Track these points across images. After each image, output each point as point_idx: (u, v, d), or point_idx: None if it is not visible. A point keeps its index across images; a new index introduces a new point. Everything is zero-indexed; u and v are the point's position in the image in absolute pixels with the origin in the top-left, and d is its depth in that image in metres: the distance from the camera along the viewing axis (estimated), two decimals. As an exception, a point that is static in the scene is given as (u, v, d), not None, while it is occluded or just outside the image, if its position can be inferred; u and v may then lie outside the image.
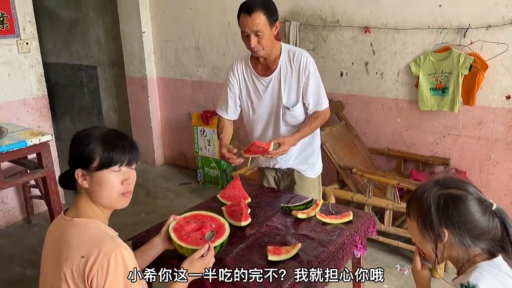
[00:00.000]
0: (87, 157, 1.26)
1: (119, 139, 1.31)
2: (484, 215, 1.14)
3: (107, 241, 1.20)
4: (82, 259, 1.17)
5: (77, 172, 1.27)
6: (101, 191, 1.28)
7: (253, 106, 2.19)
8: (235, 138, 4.08)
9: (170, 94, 4.43)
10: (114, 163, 1.27)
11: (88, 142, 1.27)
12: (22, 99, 3.41)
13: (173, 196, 3.88)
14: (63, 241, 1.24)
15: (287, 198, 2.11)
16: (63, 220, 1.30)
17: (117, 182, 1.30)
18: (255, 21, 1.92)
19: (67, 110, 5.58)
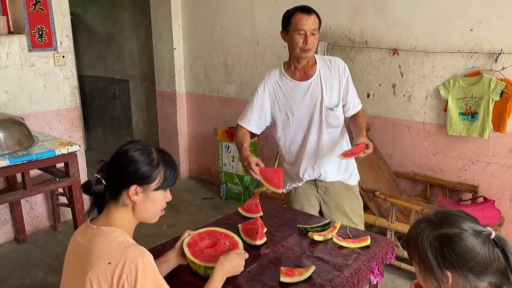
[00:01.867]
0: (151, 177, 1.32)
1: (174, 161, 1.40)
2: (483, 247, 1.08)
3: (133, 248, 1.25)
4: (109, 266, 1.20)
5: (132, 188, 1.30)
6: (151, 208, 1.36)
7: (292, 113, 2.19)
8: (259, 155, 4.09)
9: (197, 109, 4.50)
10: (171, 184, 1.37)
11: (153, 163, 1.33)
12: (55, 110, 3.54)
13: (195, 210, 3.91)
14: (89, 249, 1.27)
15: (305, 219, 2.08)
16: (89, 228, 1.33)
17: (164, 200, 1.40)
18: (314, 21, 2.06)
19: (99, 121, 5.76)
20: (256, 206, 2.09)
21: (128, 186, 1.30)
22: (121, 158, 1.33)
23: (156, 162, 1.34)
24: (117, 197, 1.33)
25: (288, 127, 2.23)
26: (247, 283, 1.55)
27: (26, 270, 2.97)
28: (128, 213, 1.34)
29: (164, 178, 1.35)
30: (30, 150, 2.48)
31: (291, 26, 2.09)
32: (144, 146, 1.37)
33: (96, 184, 1.32)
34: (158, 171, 1.33)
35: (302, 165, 2.26)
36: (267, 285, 1.53)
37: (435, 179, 3.05)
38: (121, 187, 1.31)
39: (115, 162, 1.34)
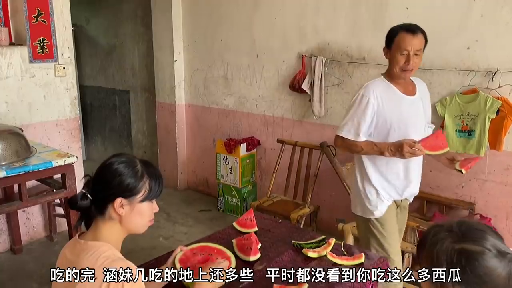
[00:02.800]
0: (135, 189, 1.32)
1: (159, 172, 1.40)
2: (504, 271, 0.99)
3: (118, 263, 1.24)
4: (96, 280, 1.19)
5: (118, 201, 1.31)
6: (138, 220, 1.36)
7: (399, 126, 2.11)
8: (257, 168, 4.10)
9: (197, 120, 4.52)
10: (157, 195, 1.38)
11: (138, 175, 1.33)
12: (55, 120, 3.56)
13: (192, 222, 3.90)
14: (76, 264, 1.26)
15: (301, 234, 2.08)
16: (77, 244, 1.33)
17: (151, 211, 1.40)
18: (419, 41, 2.03)
19: (99, 131, 5.78)
20: (251, 220, 2.09)
21: (113, 200, 1.31)
22: (105, 171, 1.33)
23: (141, 174, 1.34)
24: (103, 211, 1.33)
25: (390, 139, 2.11)
26: (240, 300, 1.55)
27: (21, 280, 2.96)
28: (115, 226, 1.35)
29: (149, 189, 1.35)
30: (28, 161, 2.49)
31: (394, 45, 2.05)
32: (128, 158, 1.37)
33: (82, 199, 1.33)
34: (143, 183, 1.34)
35: (402, 181, 2.21)
36: (260, 302, 1.53)
37: (432, 195, 3.05)
38: (107, 201, 1.32)
39: (100, 176, 1.34)
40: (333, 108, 3.48)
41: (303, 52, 3.54)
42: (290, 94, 3.71)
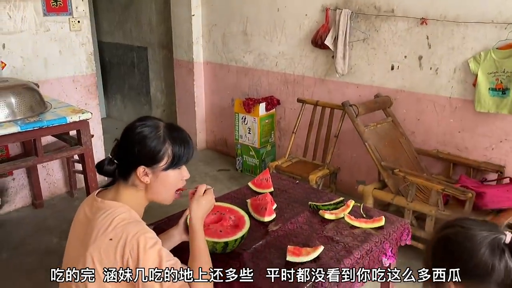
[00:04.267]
0: (155, 156, 1.24)
1: (185, 137, 1.30)
2: (486, 249, 0.93)
3: (134, 225, 1.19)
4: (111, 242, 1.16)
5: (140, 169, 1.24)
6: (163, 189, 1.29)
7: None
8: (276, 128, 4.00)
9: (215, 79, 4.40)
10: (182, 163, 1.28)
11: (159, 141, 1.24)
12: (71, 76, 3.51)
13: (211, 181, 3.87)
14: (92, 222, 1.23)
15: (318, 196, 2.00)
16: (95, 201, 1.28)
17: (178, 179, 1.32)
18: None
19: (118, 89, 5.74)
20: (267, 181, 2.02)
21: (136, 167, 1.24)
22: (128, 137, 1.26)
23: (163, 139, 1.26)
24: (127, 177, 1.28)
25: None
26: (252, 260, 1.50)
27: (42, 235, 3.01)
28: (138, 193, 1.29)
29: (172, 156, 1.26)
30: (42, 117, 2.45)
31: None
32: (152, 122, 1.28)
33: (108, 164, 1.28)
34: (165, 149, 1.25)
35: None
36: (273, 264, 1.48)
37: (459, 157, 2.90)
38: (130, 168, 1.26)
39: (122, 141, 1.28)
40: (358, 65, 3.30)
41: (327, 4, 3.33)
42: (312, 51, 3.53)
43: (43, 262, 2.69)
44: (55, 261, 2.65)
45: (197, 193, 1.40)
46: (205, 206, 1.39)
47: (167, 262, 1.16)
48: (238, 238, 1.50)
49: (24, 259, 2.73)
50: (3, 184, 3.25)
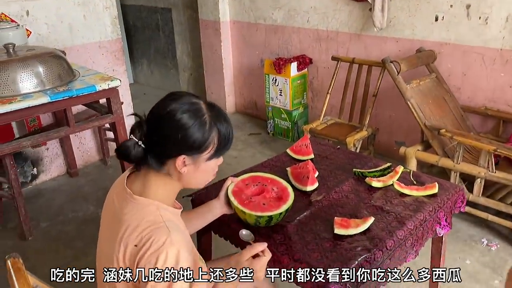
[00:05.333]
0: (203, 146, 1.09)
1: (229, 121, 1.14)
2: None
3: (161, 236, 1.04)
4: (135, 249, 1.05)
5: (180, 158, 1.09)
6: (200, 178, 1.17)
7: None
8: (309, 89, 3.83)
9: (243, 38, 4.22)
10: (226, 150, 1.15)
11: (205, 128, 1.08)
12: (97, 42, 3.42)
13: (242, 146, 3.79)
14: (120, 218, 1.11)
15: (362, 162, 1.88)
16: (124, 191, 1.14)
17: (216, 166, 1.19)
18: None
19: (144, 53, 5.63)
20: (307, 147, 1.91)
21: (175, 156, 1.09)
22: (166, 121, 1.07)
23: (209, 126, 1.09)
24: (160, 165, 1.11)
25: None
26: (297, 233, 1.41)
27: (78, 203, 3.04)
28: (171, 182, 1.15)
29: (218, 144, 1.12)
30: (71, 86, 2.39)
31: None
32: (192, 104, 1.09)
33: (134, 149, 1.08)
34: (211, 138, 1.10)
35: None
36: (320, 237, 1.39)
37: (510, 114, 2.69)
38: (166, 156, 1.10)
39: (158, 125, 1.08)
40: (398, 17, 3.05)
41: (363, -48, 3.07)
42: (346, 4, 3.29)
43: (81, 231, 2.72)
44: (92, 230, 2.67)
45: (243, 254, 1.17)
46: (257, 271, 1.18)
47: None
48: (283, 211, 1.41)
49: (63, 228, 2.76)
50: (38, 154, 3.26)
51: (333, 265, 1.26)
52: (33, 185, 3.28)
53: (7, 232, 2.73)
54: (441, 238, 1.69)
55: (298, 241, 1.37)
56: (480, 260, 2.33)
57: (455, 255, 2.36)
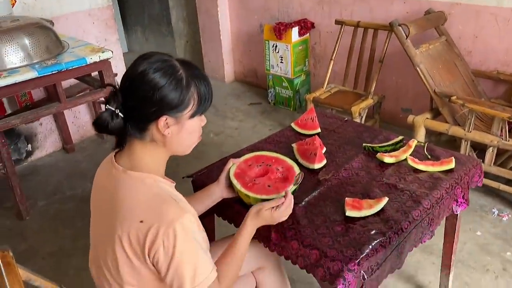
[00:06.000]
0: (183, 104, 1.02)
1: (205, 75, 1.07)
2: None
3: (170, 206, 1.00)
4: (142, 225, 0.97)
5: (162, 119, 1.01)
6: (187, 139, 1.08)
7: None
8: (311, 55, 3.67)
9: (241, 2, 4.01)
10: (208, 106, 1.07)
11: (182, 84, 1.01)
12: (87, 10, 3.23)
13: (242, 117, 3.67)
14: (116, 198, 1.04)
15: (372, 135, 1.77)
16: (114, 169, 1.07)
17: (200, 126, 1.10)
18: None
19: (137, 20, 5.40)
20: (313, 120, 1.79)
21: (156, 118, 1.01)
22: (139, 83, 1.00)
23: (186, 81, 1.02)
24: (143, 132, 1.04)
25: None
26: (306, 216, 1.32)
27: (75, 180, 2.95)
28: (157, 149, 1.07)
29: (198, 99, 1.04)
30: (60, 59, 2.25)
31: None
32: (164, 62, 1.02)
33: (112, 119, 1.01)
34: (190, 93, 1.02)
35: None
36: (330, 220, 1.30)
37: (523, 79, 2.57)
38: (147, 120, 1.02)
39: (132, 88, 1.01)
40: (405, -24, 2.87)
41: None
42: (350, -37, 3.09)
43: (80, 209, 2.64)
44: (90, 208, 2.60)
45: (287, 203, 1.21)
46: (266, 220, 1.21)
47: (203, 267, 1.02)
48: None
49: (61, 206, 2.69)
50: (31, 129, 3.15)
51: (346, 251, 1.17)
52: (29, 162, 3.18)
53: (4, 211, 2.66)
54: (456, 215, 1.60)
55: (308, 225, 1.28)
56: (491, 231, 2.27)
57: (465, 226, 2.29)
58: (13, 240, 2.40)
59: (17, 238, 2.42)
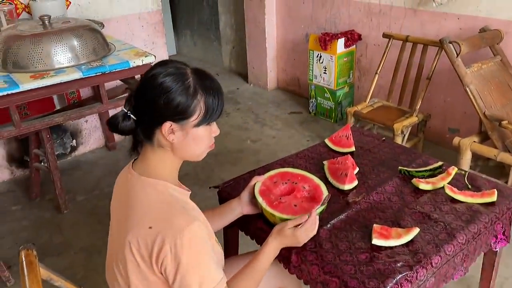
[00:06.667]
0: (188, 111, 1.02)
1: (218, 86, 1.06)
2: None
3: (178, 214, 1.01)
4: (150, 231, 0.98)
5: (166, 125, 1.02)
6: (192, 148, 1.07)
7: None
8: (356, 67, 3.58)
9: (288, 11, 3.99)
10: (215, 118, 1.06)
11: (189, 92, 1.01)
12: (137, 13, 3.32)
13: (281, 125, 3.64)
14: (129, 203, 1.06)
15: (410, 158, 1.68)
16: (129, 174, 1.10)
17: (209, 136, 1.09)
18: None
19: (187, 24, 5.51)
20: (348, 138, 1.73)
21: (161, 123, 1.02)
22: (148, 86, 1.02)
23: (193, 89, 1.02)
24: (151, 136, 1.05)
25: None
26: (330, 240, 1.27)
27: (114, 177, 2.97)
28: (166, 155, 1.08)
29: (205, 110, 1.03)
30: (105, 61, 2.31)
31: None
32: (177, 68, 1.03)
33: (124, 120, 1.04)
34: (196, 102, 1.02)
35: None
36: (355, 247, 1.24)
37: None
38: (153, 125, 1.03)
39: (142, 91, 1.03)
40: (460, -9, 2.73)
41: None
42: (403, -25, 2.99)
43: (116, 207, 2.71)
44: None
45: (310, 221, 1.19)
46: (290, 240, 1.19)
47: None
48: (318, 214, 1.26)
49: (98, 202, 2.77)
50: (77, 126, 3.28)
51: (368, 282, 1.11)
52: (72, 156, 3.31)
53: (46, 203, 2.77)
54: (495, 255, 1.49)
55: (331, 249, 1.23)
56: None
57: (508, 260, 2.13)
58: (50, 232, 2.50)
59: (54, 230, 2.51)
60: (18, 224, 2.58)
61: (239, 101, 4.14)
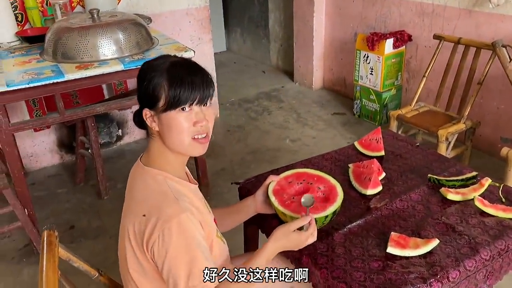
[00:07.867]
0: (152, 95, 1.05)
1: (188, 72, 1.06)
2: None
3: (170, 204, 1.03)
4: (143, 218, 1.02)
5: (145, 112, 1.08)
6: (172, 135, 1.07)
7: None
8: (405, 69, 3.44)
9: (337, 9, 3.91)
10: (182, 102, 1.03)
11: (152, 77, 1.04)
12: (185, 9, 3.40)
13: (323, 126, 3.57)
14: (132, 191, 1.12)
15: (443, 166, 1.59)
16: (137, 165, 1.15)
17: (188, 124, 1.06)
18: None
19: (238, 21, 5.56)
20: (378, 142, 1.67)
21: (142, 110, 1.09)
22: (137, 76, 1.10)
23: (160, 76, 1.04)
24: (144, 126, 1.11)
25: None
26: (343, 245, 1.23)
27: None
28: (162, 145, 1.10)
29: (168, 94, 1.03)
30: (146, 55, 2.38)
31: None
32: (161, 58, 1.09)
33: (136, 114, 1.13)
34: (160, 87, 1.03)
35: None
36: (368, 254, 1.19)
37: None
38: (140, 114, 1.09)
39: None
40: (521, -10, 2.54)
41: None
42: (458, -27, 2.83)
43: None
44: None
45: (290, 225, 1.15)
46: (294, 242, 1.15)
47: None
48: (329, 214, 1.23)
49: (136, 191, 2.87)
50: (123, 116, 3.41)
51: (376, 292, 1.07)
52: (118, 145, 3.45)
53: (88, 189, 2.92)
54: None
55: (342, 254, 1.19)
56: None
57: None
58: (89, 216, 2.62)
59: (93, 215, 2.63)
60: (61, 206, 2.73)
61: (282, 99, 4.12)
